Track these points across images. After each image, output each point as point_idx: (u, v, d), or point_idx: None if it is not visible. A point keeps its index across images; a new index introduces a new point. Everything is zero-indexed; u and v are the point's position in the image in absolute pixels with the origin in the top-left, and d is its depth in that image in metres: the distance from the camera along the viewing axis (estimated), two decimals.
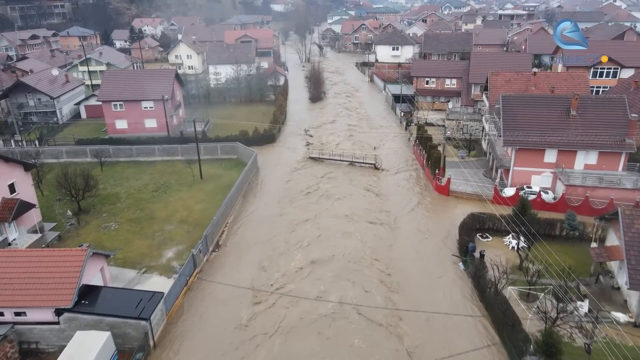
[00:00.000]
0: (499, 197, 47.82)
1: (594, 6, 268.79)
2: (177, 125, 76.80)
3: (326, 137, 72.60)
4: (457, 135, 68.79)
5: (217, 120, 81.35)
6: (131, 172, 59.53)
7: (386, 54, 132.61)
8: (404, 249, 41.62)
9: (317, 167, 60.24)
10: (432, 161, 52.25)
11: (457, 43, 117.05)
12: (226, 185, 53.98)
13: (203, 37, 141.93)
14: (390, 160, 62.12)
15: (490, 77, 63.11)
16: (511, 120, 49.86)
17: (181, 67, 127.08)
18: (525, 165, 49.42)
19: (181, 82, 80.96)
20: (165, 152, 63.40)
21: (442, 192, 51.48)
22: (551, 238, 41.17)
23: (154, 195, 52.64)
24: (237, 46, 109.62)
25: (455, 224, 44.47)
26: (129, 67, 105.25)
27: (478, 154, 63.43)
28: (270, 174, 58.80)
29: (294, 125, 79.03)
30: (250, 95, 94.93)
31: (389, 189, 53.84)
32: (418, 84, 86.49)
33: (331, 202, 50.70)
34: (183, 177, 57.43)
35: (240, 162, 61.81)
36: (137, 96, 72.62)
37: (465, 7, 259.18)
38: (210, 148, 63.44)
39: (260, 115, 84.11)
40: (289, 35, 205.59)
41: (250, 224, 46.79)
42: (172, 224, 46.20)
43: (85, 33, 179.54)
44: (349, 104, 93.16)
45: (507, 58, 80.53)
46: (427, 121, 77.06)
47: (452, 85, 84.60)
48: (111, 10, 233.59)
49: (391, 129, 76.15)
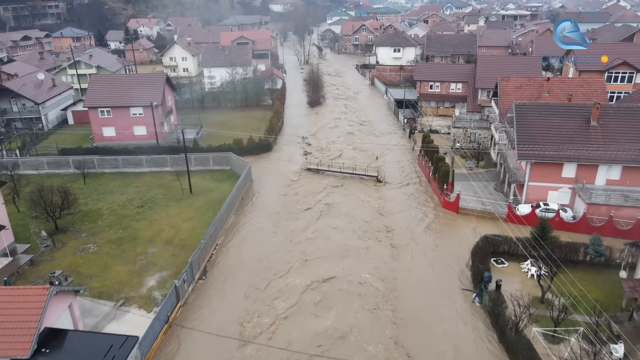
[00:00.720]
0: (514, 216, 43.91)
1: (596, 6, 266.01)
2: (168, 132, 72.83)
3: (325, 145, 68.63)
4: (465, 144, 64.89)
5: (210, 127, 77.33)
6: (116, 185, 55.52)
7: (387, 55, 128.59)
8: (409, 278, 37.61)
9: (315, 180, 56.26)
10: (440, 175, 48.27)
11: (460, 45, 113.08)
12: (217, 201, 50.01)
13: (199, 38, 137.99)
14: (393, 172, 58.15)
15: (500, 82, 59.16)
16: (526, 132, 45.91)
17: (176, 69, 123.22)
18: (542, 180, 45.48)
19: (173, 86, 76.97)
20: (153, 162, 59.40)
21: (450, 209, 47.51)
22: (573, 264, 37.23)
23: (139, 212, 48.61)
24: (233, 48, 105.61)
25: (466, 246, 40.55)
26: (120, 70, 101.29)
27: (487, 165, 59.49)
28: (265, 187, 54.81)
29: (292, 132, 75.05)
30: (246, 99, 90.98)
31: (393, 205, 49.85)
32: (422, 88, 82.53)
33: (329, 220, 46.70)
34: (171, 190, 53.44)
35: (233, 174, 57.86)
36: (125, 102, 68.64)
37: (467, 7, 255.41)
38: (202, 159, 59.46)
39: (256, 121, 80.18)
40: (288, 36, 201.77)
41: (242, 244, 42.78)
42: (157, 245, 42.19)
43: (79, 34, 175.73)
44: (349, 109, 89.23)
45: (515, 62, 76.58)
46: (431, 128, 73.23)
47: (457, 90, 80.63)
48: (107, 10, 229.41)
49: (394, 137, 72.18)
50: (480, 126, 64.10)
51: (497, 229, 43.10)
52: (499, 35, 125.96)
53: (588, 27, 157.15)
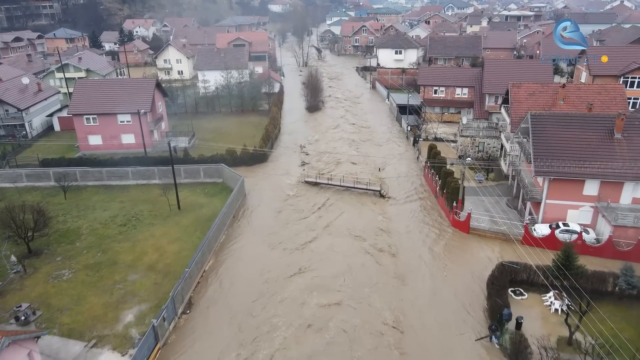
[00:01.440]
0: (531, 238, 40.00)
1: (599, 7, 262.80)
2: (158, 141, 68.89)
3: (324, 154, 64.68)
4: (472, 153, 61.00)
5: (204, 134, 73.46)
6: (99, 200, 51.56)
7: (388, 58, 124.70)
8: (416, 312, 33.68)
9: (314, 194, 52.32)
10: (449, 192, 44.32)
11: (464, 47, 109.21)
12: (207, 218, 46.10)
13: (194, 39, 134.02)
14: (397, 185, 54.21)
15: (511, 89, 55.23)
16: (543, 145, 42.00)
17: (170, 72, 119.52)
18: (561, 198, 41.55)
19: (164, 91, 73.05)
20: (140, 175, 55.45)
21: (460, 229, 43.58)
22: (601, 295, 33.37)
23: (122, 232, 44.64)
24: (229, 50, 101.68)
25: (479, 274, 36.72)
26: (111, 73, 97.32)
27: (497, 177, 55.61)
28: (259, 203, 50.85)
29: (289, 141, 71.11)
30: (242, 104, 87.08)
31: (397, 223, 45.90)
32: (425, 93, 78.62)
33: (328, 240, 42.77)
34: (158, 206, 49.48)
35: (225, 187, 53.94)
36: (112, 109, 64.78)
37: (468, 7, 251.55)
38: (192, 171, 55.52)
39: (252, 128, 76.27)
40: (287, 37, 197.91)
41: (233, 269, 38.84)
42: (138, 271, 38.24)
43: (73, 35, 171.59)
44: (350, 114, 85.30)
45: (525, 66, 72.74)
46: (436, 136, 69.35)
47: (463, 95, 76.76)
48: (102, 10, 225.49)
49: (397, 145, 68.23)
50: (489, 135, 60.18)
51: (513, 252, 39.24)
52: (503, 37, 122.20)
53: (594, 28, 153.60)
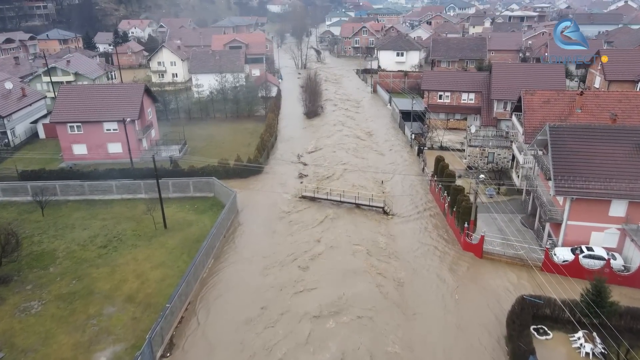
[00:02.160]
0: (552, 264, 36.18)
1: (602, 7, 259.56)
2: (147, 149, 65.01)
3: (323, 165, 60.81)
4: (481, 164, 57.17)
5: (197, 141, 69.69)
6: (79, 217, 47.63)
7: (390, 60, 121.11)
8: (428, 353, 29.81)
9: (312, 211, 48.40)
10: (460, 211, 40.41)
11: (469, 49, 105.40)
12: (195, 239, 42.28)
13: (189, 41, 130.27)
14: (401, 200, 50.33)
15: (524, 96, 51.37)
16: (564, 161, 38.12)
17: (164, 75, 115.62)
18: (584, 220, 37.68)
19: (154, 97, 69.12)
20: (125, 189, 51.55)
21: (472, 252, 39.69)
22: (635, 334, 29.54)
23: (101, 255, 40.73)
24: (224, 53, 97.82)
25: (496, 307, 32.90)
26: (102, 77, 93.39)
27: (509, 191, 51.73)
28: (253, 220, 46.93)
29: (286, 150, 67.19)
30: (237, 109, 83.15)
31: (403, 245, 42.00)
32: (430, 98, 74.74)
33: (327, 265, 38.88)
34: (143, 225, 45.58)
35: (216, 202, 50.07)
36: (98, 116, 60.96)
37: (470, 8, 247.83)
38: (181, 184, 51.61)
39: (248, 135, 72.43)
40: (285, 38, 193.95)
41: (220, 303, 34.91)
42: (116, 303, 34.34)
43: (66, 36, 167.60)
44: (350, 120, 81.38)
45: (535, 70, 68.84)
46: (442, 144, 65.47)
47: (469, 101, 72.89)
48: (98, 11, 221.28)
49: (400, 155, 64.31)
50: (499, 145, 56.29)
51: (532, 281, 35.49)
52: (508, 38, 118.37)
53: (600, 29, 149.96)
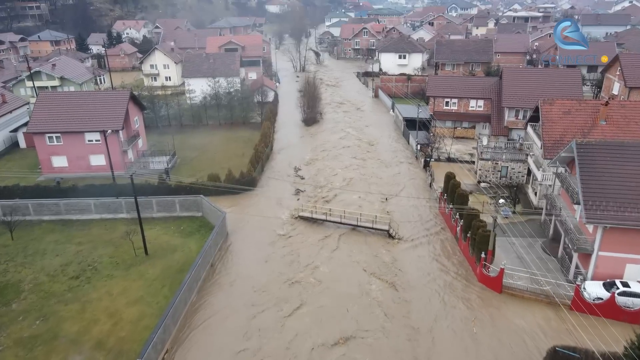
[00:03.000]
0: (583, 303, 31.70)
1: (607, 7, 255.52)
2: (134, 161, 60.56)
3: (322, 179, 56.32)
4: (493, 178, 52.70)
5: (187, 151, 65.28)
6: (53, 241, 43.12)
7: (391, 62, 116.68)
8: None
9: (309, 234, 43.88)
10: (477, 240, 35.89)
11: (475, 51, 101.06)
12: (178, 269, 37.83)
13: (183, 43, 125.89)
14: (408, 221, 45.83)
15: (542, 106, 46.89)
16: (594, 183, 33.67)
17: (157, 78, 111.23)
18: (617, 250, 33.23)
19: (140, 104, 64.60)
20: (105, 208, 47.03)
21: (490, 286, 35.19)
22: None
23: (72, 287, 36.22)
24: (219, 56, 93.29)
25: (520, 351, 28.42)
26: (89, 81, 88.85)
27: (524, 208, 47.26)
28: (244, 246, 42.40)
29: (282, 161, 62.68)
30: (232, 116, 78.69)
31: (410, 275, 37.52)
32: (436, 105, 70.28)
33: (325, 302, 34.40)
34: (122, 250, 41.08)
35: (204, 223, 45.58)
36: (79, 126, 56.53)
37: (472, 8, 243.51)
38: (166, 203, 47.10)
39: (242, 145, 67.97)
40: (284, 39, 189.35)
41: (201, 351, 30.44)
42: (83, 350, 29.84)
43: (58, 37, 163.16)
44: (351, 128, 76.84)
45: (549, 75, 64.41)
46: (449, 156, 61.00)
47: (478, 108, 68.43)
48: (92, 11, 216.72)
49: (405, 167, 59.80)
50: (514, 159, 51.81)
51: (561, 322, 31.09)
52: (515, 40, 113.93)
53: (608, 30, 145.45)
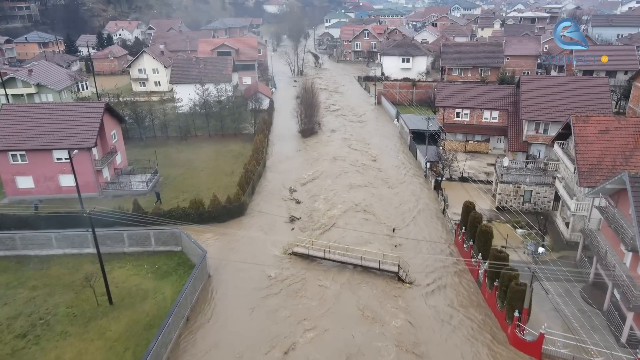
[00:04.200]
0: None
1: (612, 7, 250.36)
2: (110, 180, 54.20)
3: (320, 202, 49.94)
4: (515, 204, 46.33)
5: (171, 169, 58.91)
6: (3, 284, 36.66)
7: (394, 66, 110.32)
8: None
9: (305, 275, 37.45)
10: (510, 296, 29.41)
11: (484, 55, 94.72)
12: (148, 323, 31.51)
13: (175, 45, 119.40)
14: (419, 256, 39.45)
15: (574, 123, 40.50)
16: None
17: (146, 83, 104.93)
18: None
19: (119, 117, 58.16)
20: (68, 242, 40.63)
21: (526, 352, 28.77)
22: None
23: (15, 350, 29.79)
24: (210, 60, 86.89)
25: None
26: (70, 87, 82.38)
27: (554, 242, 40.94)
28: (226, 292, 35.90)
29: (276, 181, 56.27)
30: (222, 127, 72.26)
31: (426, 332, 31.13)
32: (445, 116, 63.90)
33: None
34: (82, 298, 34.67)
35: (183, 260, 39.20)
36: (46, 143, 50.14)
37: (475, 8, 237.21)
38: (139, 237, 40.66)
39: (232, 160, 61.72)
40: (282, 40, 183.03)
41: None
42: None
43: (46, 39, 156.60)
44: (352, 140, 70.41)
45: (572, 84, 58.04)
46: (462, 174, 54.66)
47: (493, 120, 62.06)
48: (85, 12, 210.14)
49: (413, 188, 53.38)
50: (539, 182, 45.42)
51: None
52: (525, 43, 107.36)
53: (619, 31, 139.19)
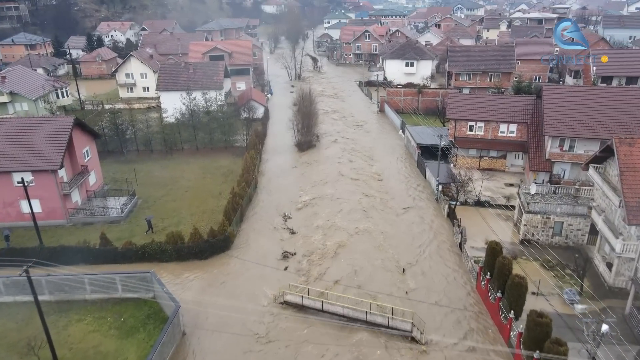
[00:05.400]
0: None
1: (618, 8, 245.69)
2: (81, 205, 47.96)
3: (317, 232, 43.67)
4: (543, 236, 40.07)
5: (152, 189, 52.75)
6: None
7: (397, 70, 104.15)
8: None
9: (298, 334, 31.14)
10: None
11: (494, 59, 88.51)
12: None
13: (165, 48, 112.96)
14: (434, 305, 33.18)
15: (618, 147, 34.29)
16: None
17: (134, 89, 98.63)
18: None
19: (92, 132, 51.91)
20: (16, 288, 34.34)
21: None
22: None
23: None
24: (200, 65, 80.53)
25: None
26: (47, 95, 76.03)
27: (593, 287, 34.68)
28: (205, 356, 29.67)
29: (268, 204, 49.97)
30: (211, 140, 65.97)
31: None
32: (457, 129, 57.66)
33: None
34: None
35: (155, 311, 32.98)
36: (5, 164, 43.96)
37: (478, 9, 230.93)
38: (102, 282, 34.38)
39: (220, 179, 55.61)
40: (280, 42, 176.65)
41: None
42: None
43: (34, 41, 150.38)
44: (354, 154, 64.12)
45: (602, 95, 51.73)
46: (479, 198, 48.41)
47: (510, 134, 55.86)
48: (77, 12, 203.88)
49: (423, 215, 46.99)
50: (573, 212, 39.15)
51: None
52: (537, 46, 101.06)
53: (631, 33, 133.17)
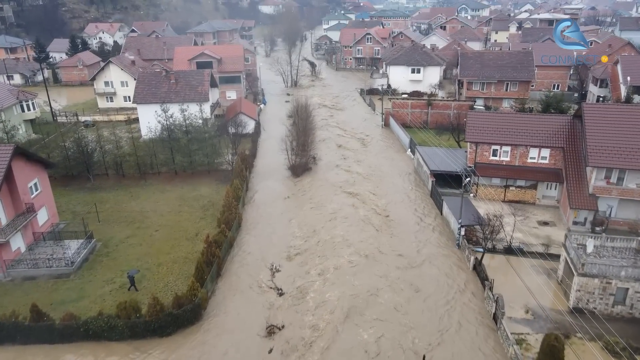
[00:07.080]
0: None
1: (627, 8, 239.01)
2: (21, 254, 39.23)
3: (310, 293, 34.94)
4: (602, 305, 31.34)
5: (117, 227, 44.02)
6: None
7: (402, 77, 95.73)
8: None
9: None
10: None
11: (510, 67, 79.99)
12: None
13: (150, 53, 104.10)
14: None
15: None
16: None
17: (113, 98, 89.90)
18: None
19: (43, 161, 43.13)
20: None
21: None
22: None
23: None
24: (183, 74, 71.71)
25: None
26: (10, 107, 67.21)
27: None
28: None
29: (253, 247, 41.21)
30: (192, 162, 57.23)
31: None
32: (479, 154, 48.96)
33: None
34: None
35: None
36: None
37: (483, 9, 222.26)
38: None
39: (199, 212, 47.08)
40: (276, 44, 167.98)
41: None
42: None
43: (14, 44, 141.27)
44: (356, 178, 55.39)
45: None
46: (510, 244, 39.70)
47: (542, 160, 47.20)
48: (65, 13, 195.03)
49: (442, 268, 38.17)
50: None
51: None
52: (555, 50, 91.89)
53: None
